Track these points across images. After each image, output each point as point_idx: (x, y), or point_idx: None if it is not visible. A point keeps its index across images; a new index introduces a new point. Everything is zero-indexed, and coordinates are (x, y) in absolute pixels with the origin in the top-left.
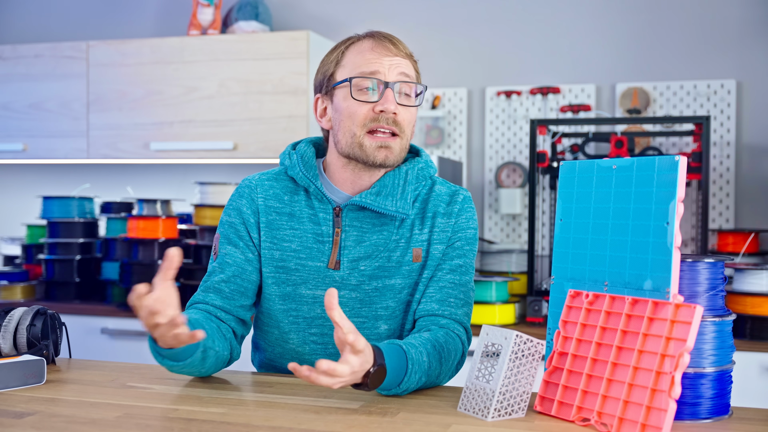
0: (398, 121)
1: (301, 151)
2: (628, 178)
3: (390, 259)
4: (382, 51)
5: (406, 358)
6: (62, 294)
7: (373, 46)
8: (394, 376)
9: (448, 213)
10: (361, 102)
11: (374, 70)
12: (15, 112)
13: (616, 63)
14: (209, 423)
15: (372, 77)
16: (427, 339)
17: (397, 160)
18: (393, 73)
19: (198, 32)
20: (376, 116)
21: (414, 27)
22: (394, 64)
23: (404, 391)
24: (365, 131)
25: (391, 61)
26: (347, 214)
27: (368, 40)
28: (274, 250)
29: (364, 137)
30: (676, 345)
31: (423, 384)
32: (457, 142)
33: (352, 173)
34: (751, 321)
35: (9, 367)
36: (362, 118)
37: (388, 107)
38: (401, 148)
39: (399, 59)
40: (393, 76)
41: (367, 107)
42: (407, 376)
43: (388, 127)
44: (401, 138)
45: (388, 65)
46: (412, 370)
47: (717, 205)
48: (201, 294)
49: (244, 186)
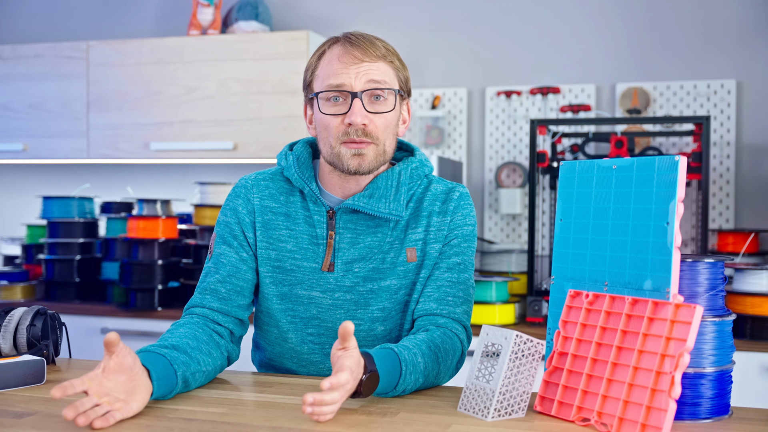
0: (369, 131)
1: (298, 152)
2: (628, 178)
3: (384, 260)
4: (349, 59)
5: (399, 361)
6: (62, 294)
7: (340, 54)
8: (388, 380)
9: (444, 211)
10: (331, 115)
11: (340, 83)
12: (15, 112)
13: (616, 63)
14: (209, 423)
15: (338, 89)
16: (422, 340)
17: (373, 166)
18: (360, 81)
19: (198, 32)
20: (346, 129)
21: (414, 27)
22: (362, 71)
23: (401, 393)
24: (340, 142)
25: (359, 68)
26: (341, 217)
27: (338, 47)
28: (271, 250)
29: (340, 147)
30: (676, 345)
31: (421, 385)
32: (457, 142)
33: (339, 178)
34: (751, 321)
35: (9, 367)
36: (335, 131)
37: (355, 120)
38: (376, 155)
39: (367, 65)
40: (360, 85)
41: (338, 120)
42: (402, 379)
43: (359, 138)
44: (375, 144)
45: (354, 74)
46: (407, 371)
47: (717, 205)
48: (198, 297)
49: (241, 186)
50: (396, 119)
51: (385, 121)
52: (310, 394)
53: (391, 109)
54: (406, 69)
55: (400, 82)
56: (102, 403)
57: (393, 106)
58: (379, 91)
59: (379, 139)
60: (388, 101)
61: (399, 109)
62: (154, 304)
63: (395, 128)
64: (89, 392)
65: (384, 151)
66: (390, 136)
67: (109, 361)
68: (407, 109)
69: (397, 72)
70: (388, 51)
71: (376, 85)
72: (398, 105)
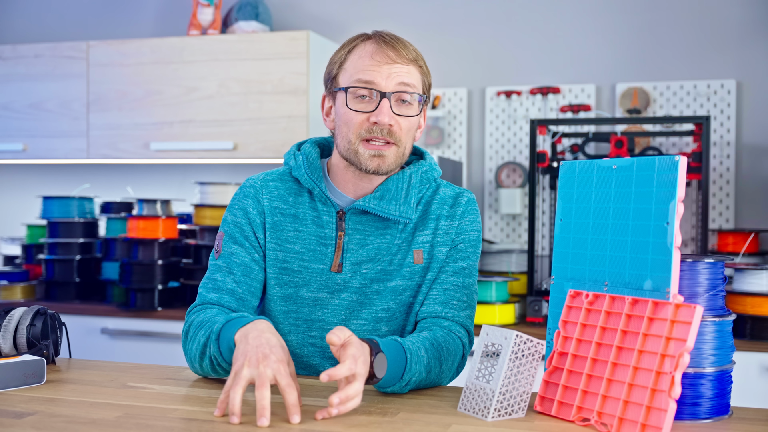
0: (393, 131)
1: (306, 152)
2: (628, 178)
3: (392, 262)
4: (382, 58)
5: (404, 350)
6: (62, 294)
7: (373, 52)
8: (395, 366)
9: (452, 215)
10: (356, 111)
11: (370, 80)
12: (15, 112)
13: (616, 63)
14: (209, 423)
15: (368, 87)
16: (425, 337)
17: (391, 168)
18: (391, 82)
19: (198, 32)
20: (371, 126)
21: (414, 27)
22: (394, 72)
23: (406, 385)
24: (360, 139)
25: (391, 69)
26: (350, 218)
27: (371, 44)
28: (278, 251)
29: (359, 144)
30: (676, 345)
31: (424, 380)
32: (457, 142)
33: (353, 176)
34: (751, 321)
35: (9, 367)
36: (357, 127)
37: (382, 120)
38: (396, 156)
39: (399, 66)
40: (391, 86)
41: (362, 117)
42: (408, 368)
43: (383, 138)
44: (397, 146)
45: (386, 74)
46: (412, 360)
47: (717, 205)
48: (214, 295)
49: (249, 186)
50: (417, 124)
51: (409, 125)
52: (335, 395)
53: (416, 114)
54: (430, 75)
55: (425, 88)
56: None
57: (418, 111)
58: (407, 95)
59: (401, 141)
60: (413, 105)
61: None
62: (154, 304)
63: (415, 132)
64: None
65: (403, 153)
66: (410, 139)
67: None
68: (424, 114)
69: (423, 77)
70: (418, 55)
71: (405, 88)
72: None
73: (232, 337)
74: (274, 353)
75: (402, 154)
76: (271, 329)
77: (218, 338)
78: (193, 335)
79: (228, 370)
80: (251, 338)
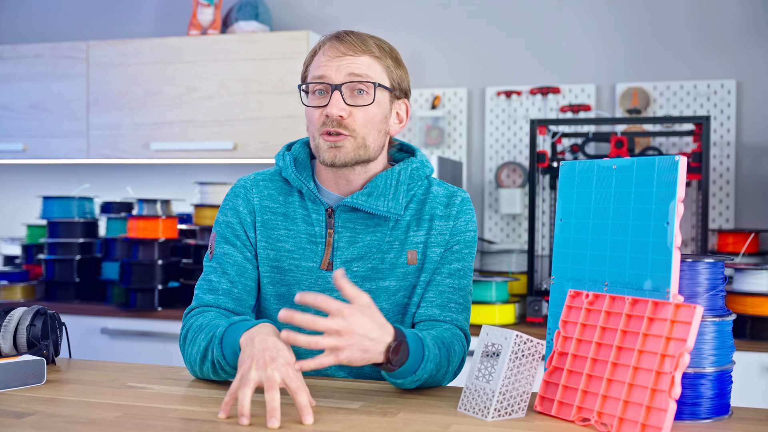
0: (346, 123)
1: (295, 153)
2: (628, 178)
3: (383, 260)
4: (333, 53)
5: (423, 345)
6: (62, 294)
7: (327, 48)
8: (412, 360)
9: (446, 215)
10: (313, 108)
11: (321, 74)
12: (15, 112)
13: (616, 63)
14: (209, 423)
15: (321, 81)
16: (434, 335)
17: (350, 159)
18: (341, 74)
19: (198, 32)
20: (325, 120)
21: (414, 27)
22: (344, 64)
23: (417, 381)
24: (319, 134)
25: (341, 61)
26: (339, 215)
27: (328, 43)
28: (269, 250)
29: (319, 139)
30: (676, 345)
31: (430, 377)
32: (457, 142)
33: (332, 174)
34: (751, 321)
35: (9, 367)
36: (316, 122)
37: (331, 111)
38: (354, 147)
39: (350, 58)
40: (341, 78)
41: (318, 111)
42: (423, 363)
43: (334, 129)
44: (354, 138)
45: (336, 67)
46: (428, 357)
47: (717, 205)
48: (211, 296)
49: (240, 186)
50: (380, 114)
51: (366, 115)
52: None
53: (369, 103)
54: (401, 69)
55: (392, 80)
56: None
57: (373, 100)
58: (360, 85)
59: (356, 132)
60: (369, 95)
61: (387, 106)
62: (154, 304)
63: (380, 124)
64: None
65: (364, 145)
66: (373, 131)
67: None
68: (406, 109)
69: (387, 69)
70: (380, 48)
71: (356, 78)
72: (385, 101)
73: (237, 341)
74: (281, 356)
75: (362, 146)
76: (275, 332)
77: (221, 342)
78: (193, 339)
79: (230, 373)
80: (257, 341)
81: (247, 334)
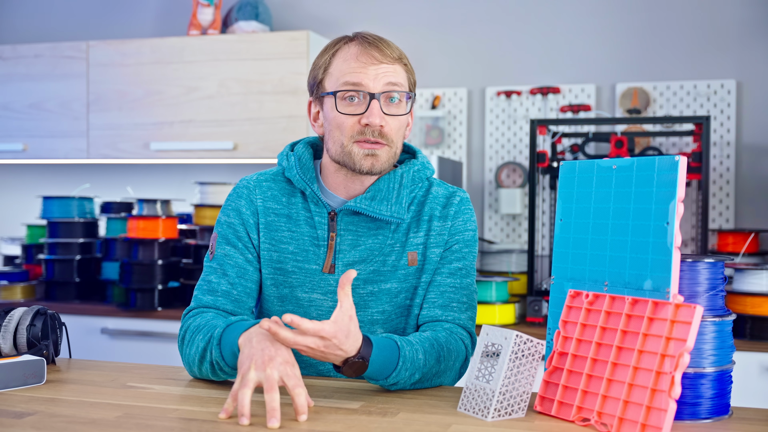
0: (384, 132)
1: (299, 153)
2: (628, 178)
3: (385, 263)
4: (368, 59)
5: (399, 354)
6: (62, 294)
7: (358, 53)
8: (380, 369)
9: (444, 216)
10: (347, 115)
11: (358, 81)
12: (15, 112)
13: (616, 63)
14: (209, 423)
15: (356, 89)
16: (425, 338)
17: (385, 167)
18: (379, 83)
19: (198, 32)
20: (362, 129)
21: (414, 27)
22: (381, 73)
23: (393, 385)
24: (353, 141)
25: (377, 69)
26: (342, 219)
27: (354, 46)
28: (272, 252)
29: (352, 146)
30: (676, 345)
31: (418, 381)
32: (457, 142)
33: (344, 178)
34: (751, 321)
35: (9, 367)
36: (349, 130)
37: (373, 121)
38: (389, 156)
39: (386, 66)
40: (379, 86)
41: (353, 119)
42: (396, 371)
43: (374, 139)
44: (389, 146)
45: (373, 75)
46: (403, 366)
47: (717, 205)
48: (210, 298)
49: (243, 186)
50: (406, 122)
51: (399, 124)
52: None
53: (405, 113)
54: (414, 72)
55: (410, 85)
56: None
57: (407, 109)
58: (395, 94)
59: (393, 141)
60: (402, 104)
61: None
62: (154, 304)
63: (404, 131)
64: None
65: (395, 153)
66: (401, 138)
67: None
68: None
69: (408, 75)
70: (402, 54)
71: (393, 87)
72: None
73: (236, 341)
74: (280, 355)
75: (394, 154)
76: None
77: (220, 342)
78: (191, 339)
79: (230, 373)
80: (255, 342)
81: (246, 335)
